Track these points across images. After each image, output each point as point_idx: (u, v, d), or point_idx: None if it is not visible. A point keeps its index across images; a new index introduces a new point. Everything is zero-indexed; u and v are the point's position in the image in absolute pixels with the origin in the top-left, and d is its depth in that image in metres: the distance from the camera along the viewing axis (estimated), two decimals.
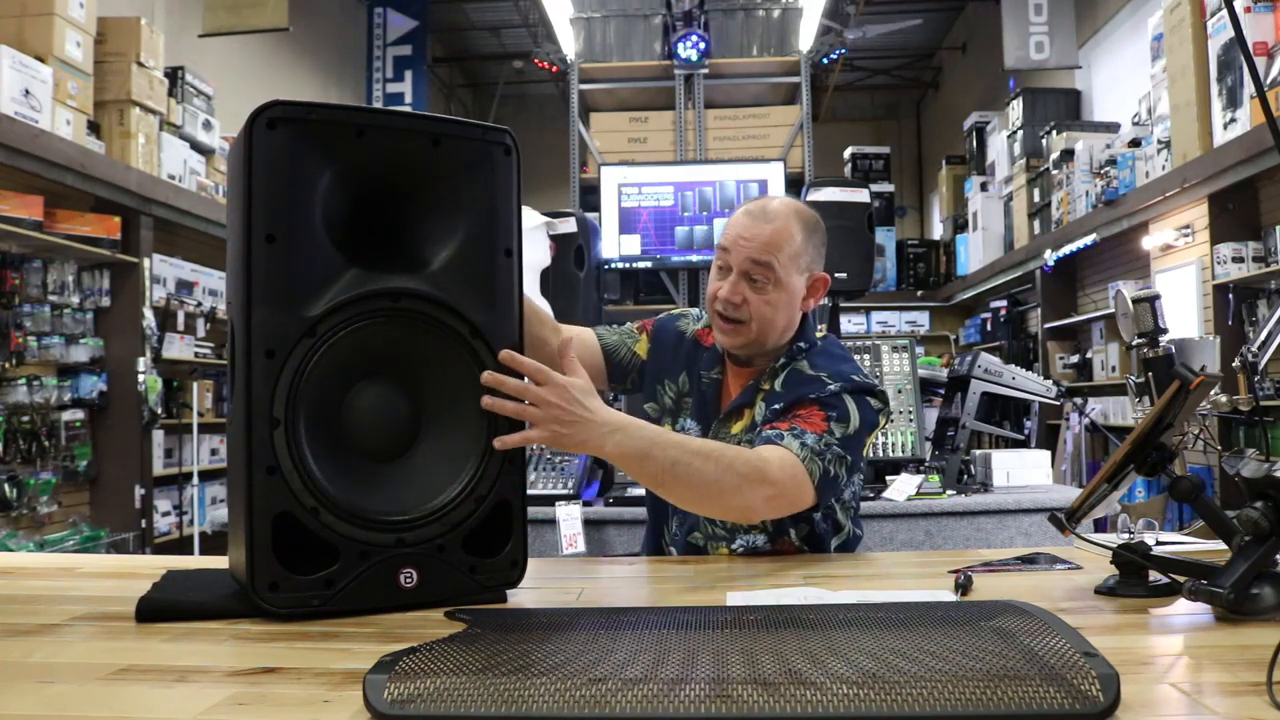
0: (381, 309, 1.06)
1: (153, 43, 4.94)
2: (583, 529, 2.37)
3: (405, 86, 8.83)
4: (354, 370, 1.07)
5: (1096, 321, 6.72)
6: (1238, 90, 4.45)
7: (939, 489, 2.73)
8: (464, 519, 1.09)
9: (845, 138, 10.37)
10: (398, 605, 1.05)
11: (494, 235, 1.13)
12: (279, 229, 1.02)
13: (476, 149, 1.13)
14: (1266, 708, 0.69)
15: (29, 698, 0.77)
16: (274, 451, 1.00)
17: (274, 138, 1.02)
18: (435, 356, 1.10)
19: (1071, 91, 7.64)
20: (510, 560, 1.13)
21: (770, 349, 1.55)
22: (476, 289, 1.11)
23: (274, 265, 1.02)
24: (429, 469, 1.10)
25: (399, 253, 1.10)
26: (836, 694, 0.67)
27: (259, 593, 1.01)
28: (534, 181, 8.57)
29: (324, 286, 1.04)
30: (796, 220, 1.52)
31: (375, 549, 1.04)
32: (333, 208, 1.06)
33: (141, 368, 4.78)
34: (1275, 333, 1.26)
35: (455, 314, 1.10)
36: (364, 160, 1.07)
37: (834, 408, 1.43)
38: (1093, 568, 1.25)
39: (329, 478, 1.03)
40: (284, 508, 1.01)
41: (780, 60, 5.46)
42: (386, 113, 1.10)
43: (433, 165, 1.11)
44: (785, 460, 1.34)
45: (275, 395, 1.01)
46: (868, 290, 3.68)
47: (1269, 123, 1.02)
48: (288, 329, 1.02)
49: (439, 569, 1.07)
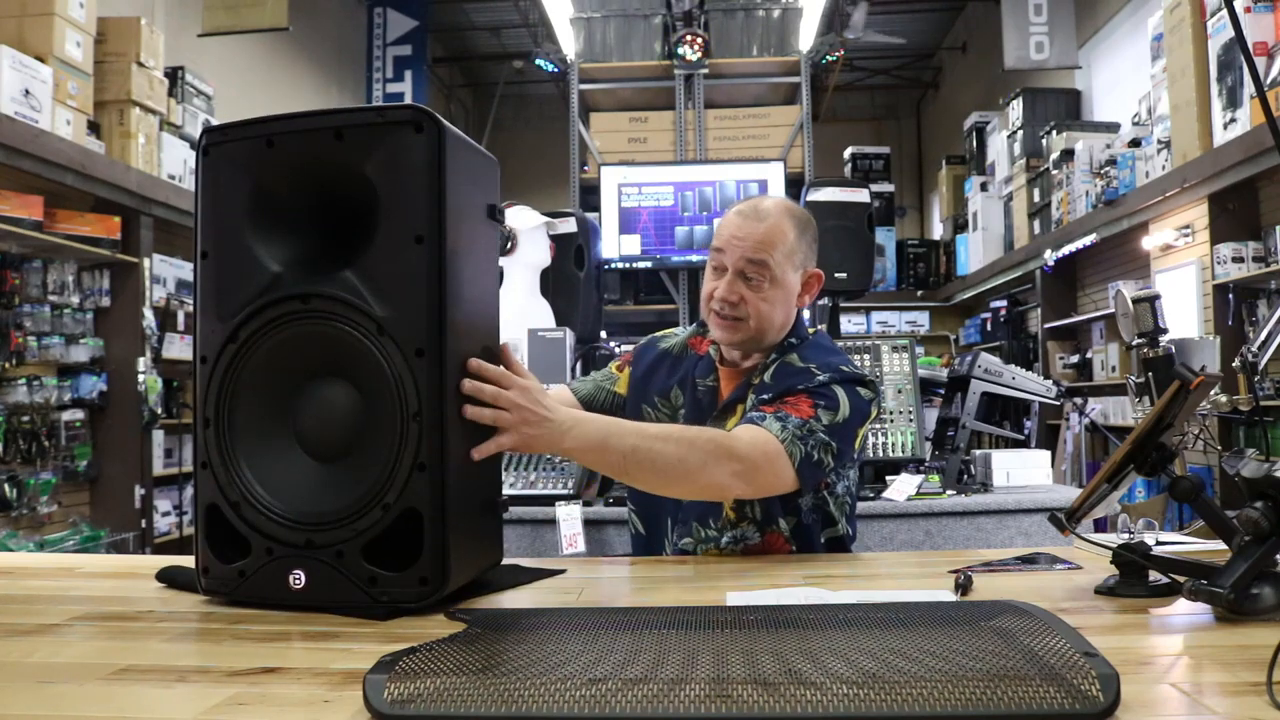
0: (295, 312, 1.08)
1: (153, 43, 4.94)
2: (583, 529, 2.36)
3: (405, 86, 8.83)
4: (283, 373, 1.10)
5: (1096, 321, 6.72)
6: (1238, 90, 4.45)
7: (939, 489, 2.73)
8: (368, 527, 1.04)
9: (845, 138, 10.37)
10: (291, 605, 1.06)
11: (403, 222, 1.05)
12: (210, 245, 1.12)
13: (379, 133, 1.06)
14: (1266, 708, 0.69)
15: (29, 698, 0.77)
16: (206, 448, 1.10)
17: (207, 163, 1.13)
18: (350, 357, 1.07)
19: (1071, 91, 7.64)
20: (418, 577, 1.03)
21: (766, 346, 1.56)
22: (381, 283, 1.05)
23: (206, 279, 1.12)
24: (347, 472, 1.08)
25: (319, 255, 1.11)
26: (836, 694, 0.67)
27: (199, 574, 1.12)
28: (534, 181, 8.59)
29: (245, 295, 1.10)
30: (789, 218, 1.52)
31: (280, 546, 1.07)
32: (256, 218, 1.11)
33: (141, 368, 4.78)
34: (1275, 333, 1.26)
35: (360, 311, 1.05)
36: (277, 168, 1.11)
37: (823, 396, 1.43)
38: (1093, 568, 1.25)
39: (260, 475, 1.09)
40: (211, 500, 1.10)
41: (780, 60, 5.45)
42: (291, 117, 1.10)
43: (339, 160, 1.08)
44: (758, 437, 1.33)
45: (207, 397, 1.10)
46: (868, 290, 3.68)
47: (1269, 123, 1.02)
48: (215, 336, 1.11)
49: (331, 575, 1.04)
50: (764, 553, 1.52)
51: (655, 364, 1.67)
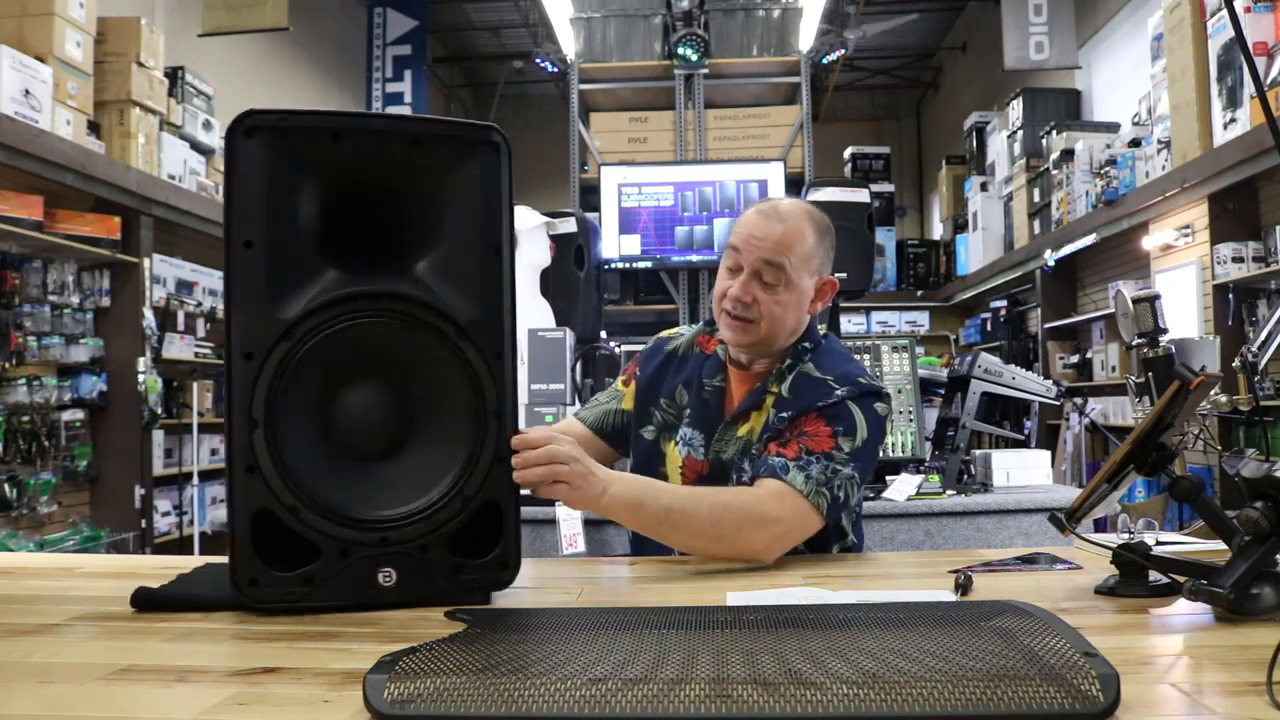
0: (364, 310, 1.08)
1: (153, 43, 4.94)
2: (583, 529, 2.36)
3: (405, 86, 8.83)
4: (339, 371, 1.09)
5: (1096, 321, 6.73)
6: (1238, 90, 4.45)
7: (939, 489, 2.73)
8: (449, 519, 1.09)
9: (845, 138, 10.37)
10: (377, 604, 1.06)
11: (481, 233, 1.13)
12: (256, 235, 1.06)
13: (460, 147, 1.13)
14: (1266, 708, 0.69)
15: (29, 698, 0.77)
16: (253, 451, 1.04)
17: (251, 146, 1.06)
18: (422, 357, 1.10)
19: (1071, 91, 7.65)
20: (500, 562, 1.12)
21: (776, 350, 1.54)
22: (462, 288, 1.12)
23: (251, 270, 1.05)
24: (416, 469, 1.10)
25: (383, 255, 1.11)
26: (836, 694, 0.67)
27: (240, 587, 1.04)
28: (534, 181, 8.59)
29: (302, 290, 1.06)
30: (809, 222, 1.51)
31: (356, 547, 1.06)
32: (313, 212, 1.08)
33: (141, 368, 4.78)
34: (1275, 333, 1.26)
35: (440, 314, 1.10)
36: (341, 165, 1.09)
37: (840, 420, 1.43)
38: (1093, 568, 1.25)
39: (313, 476, 1.05)
40: (262, 505, 1.04)
41: (780, 60, 5.45)
42: (363, 116, 1.12)
43: (414, 166, 1.11)
44: (785, 495, 1.35)
45: (254, 396, 1.04)
46: (868, 290, 3.68)
47: (1269, 123, 1.02)
48: (265, 332, 1.05)
49: (420, 569, 1.08)
50: None
51: (663, 365, 1.66)
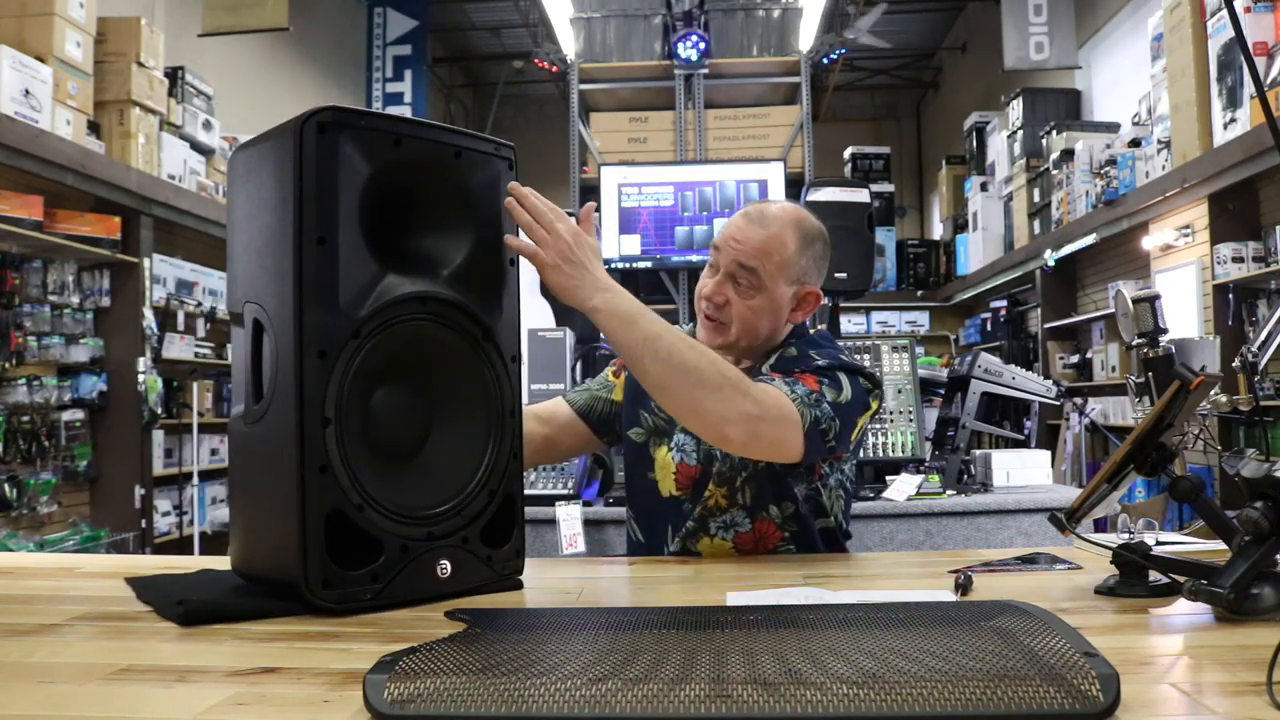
0: (416, 312, 1.10)
1: (153, 43, 4.94)
2: (583, 529, 2.36)
3: (405, 86, 8.83)
4: (385, 371, 1.10)
5: (1096, 321, 6.73)
6: (1238, 90, 4.45)
7: (939, 489, 2.73)
8: (480, 511, 1.15)
9: (845, 138, 10.38)
10: (435, 596, 1.09)
11: (501, 242, 1.20)
12: (330, 232, 1.05)
13: (488, 162, 1.20)
14: (1266, 708, 0.69)
15: (29, 698, 0.77)
16: (326, 451, 1.03)
17: (324, 142, 1.05)
18: (452, 357, 1.15)
19: (1071, 91, 7.65)
20: (515, 550, 1.19)
21: (753, 355, 1.55)
22: (488, 295, 1.18)
23: (324, 267, 1.04)
24: (446, 464, 1.14)
25: (425, 258, 1.14)
26: (836, 694, 0.67)
27: (312, 590, 1.02)
28: (534, 181, 8.62)
29: (367, 289, 1.07)
30: (794, 229, 1.50)
31: (412, 543, 1.08)
32: (375, 212, 1.10)
33: (141, 368, 4.78)
34: (1275, 333, 1.26)
35: (472, 318, 1.15)
36: (400, 168, 1.11)
37: (826, 376, 1.42)
38: (1093, 568, 1.25)
39: (370, 475, 1.07)
40: (335, 506, 1.03)
41: (780, 60, 5.46)
42: (419, 123, 1.14)
43: (452, 176, 1.16)
44: (771, 391, 1.32)
45: (327, 395, 1.03)
46: (868, 290, 3.68)
47: (1269, 123, 1.02)
48: (338, 330, 1.04)
49: (466, 559, 1.13)
50: (756, 542, 1.50)
51: None
